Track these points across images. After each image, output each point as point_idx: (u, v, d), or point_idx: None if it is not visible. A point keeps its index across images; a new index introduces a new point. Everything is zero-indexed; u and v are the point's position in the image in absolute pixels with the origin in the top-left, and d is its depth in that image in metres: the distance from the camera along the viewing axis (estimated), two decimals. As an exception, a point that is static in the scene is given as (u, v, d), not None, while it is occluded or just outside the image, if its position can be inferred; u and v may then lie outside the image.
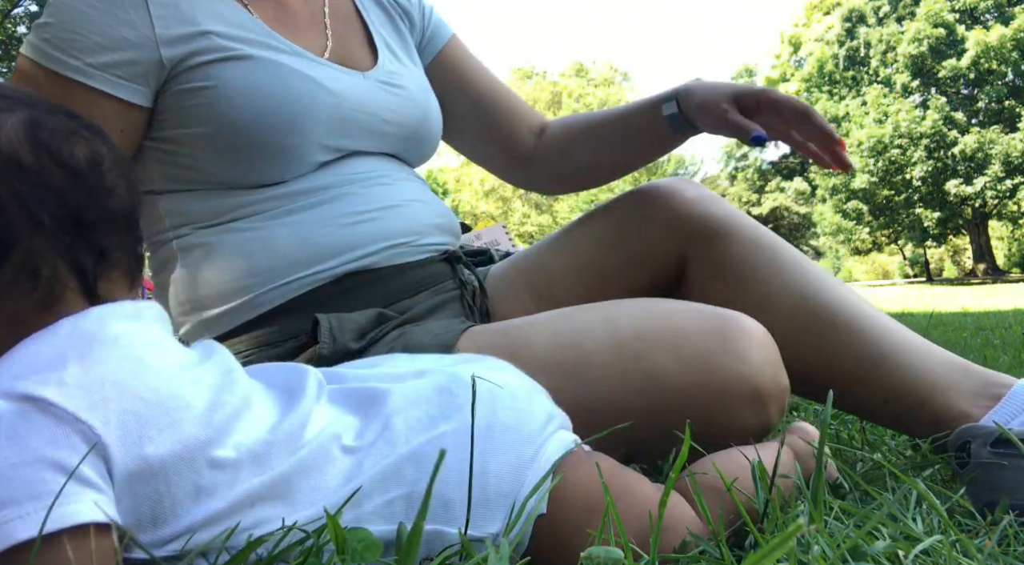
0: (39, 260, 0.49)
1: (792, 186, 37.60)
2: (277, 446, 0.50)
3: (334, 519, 0.46)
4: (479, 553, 0.48)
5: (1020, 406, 0.80)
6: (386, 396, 0.57)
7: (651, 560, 0.49)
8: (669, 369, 0.77)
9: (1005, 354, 2.11)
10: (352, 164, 0.98)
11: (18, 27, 14.25)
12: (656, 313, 0.83)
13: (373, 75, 1.04)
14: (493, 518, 0.55)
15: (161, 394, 0.46)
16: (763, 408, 0.78)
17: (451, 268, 1.02)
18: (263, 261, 0.90)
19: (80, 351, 0.45)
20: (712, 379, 0.77)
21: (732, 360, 0.77)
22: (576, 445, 0.62)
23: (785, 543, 0.33)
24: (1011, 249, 33.64)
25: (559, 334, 0.82)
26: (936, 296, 10.49)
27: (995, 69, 25.18)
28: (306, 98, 0.92)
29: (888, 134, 25.49)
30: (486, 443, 0.56)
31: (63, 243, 0.50)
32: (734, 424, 0.77)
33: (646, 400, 0.77)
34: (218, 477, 0.47)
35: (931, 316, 4.30)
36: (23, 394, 0.42)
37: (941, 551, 0.53)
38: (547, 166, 1.22)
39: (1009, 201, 24.51)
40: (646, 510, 0.57)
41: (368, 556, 0.47)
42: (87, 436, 0.43)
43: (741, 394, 0.76)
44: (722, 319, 0.81)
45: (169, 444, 0.45)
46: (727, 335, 0.79)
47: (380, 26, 1.14)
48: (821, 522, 0.56)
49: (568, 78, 46.30)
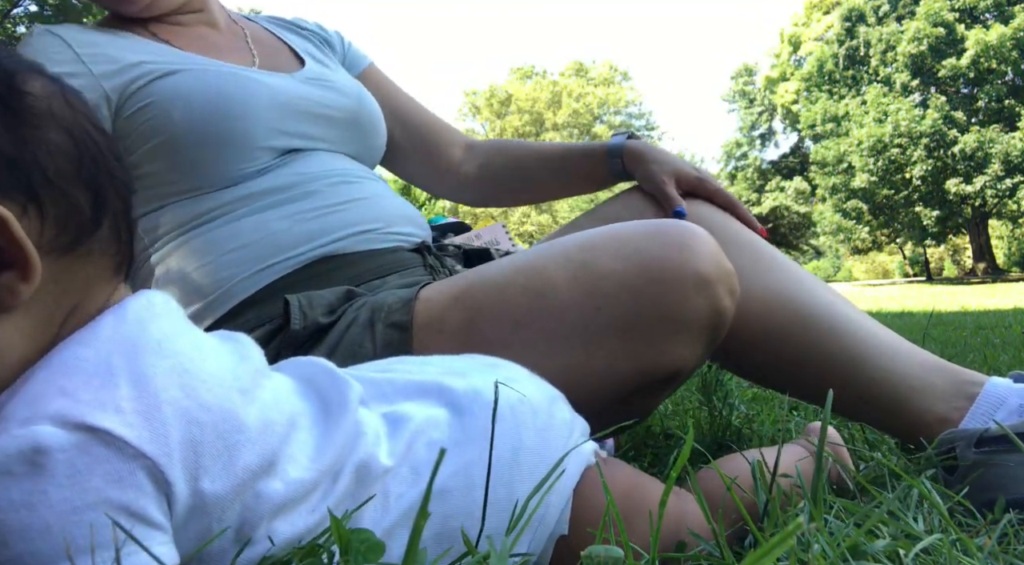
0: (121, 225, 0.47)
1: (792, 185, 37.60)
2: (321, 483, 0.47)
3: (337, 520, 0.46)
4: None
5: (994, 405, 0.83)
6: (407, 416, 0.54)
7: (651, 559, 0.49)
8: (615, 268, 0.80)
9: (1005, 353, 2.11)
10: (312, 162, 1.03)
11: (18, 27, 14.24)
12: (601, 229, 0.87)
13: (302, 74, 1.11)
14: (521, 542, 0.54)
15: (215, 414, 0.42)
16: (710, 291, 0.80)
17: (421, 258, 1.05)
18: (231, 255, 0.94)
19: (127, 361, 0.41)
20: (655, 271, 0.79)
21: (672, 251, 0.80)
22: (595, 456, 0.61)
23: (784, 542, 0.32)
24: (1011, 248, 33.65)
25: (514, 261, 0.86)
26: (936, 295, 10.50)
27: (995, 68, 25.15)
28: (240, 90, 0.98)
29: (888, 133, 25.48)
30: (512, 470, 0.54)
31: (129, 208, 0.48)
32: (688, 312, 0.79)
33: (595, 299, 0.80)
34: (264, 511, 0.43)
35: (931, 315, 4.30)
36: (80, 423, 0.38)
37: (942, 550, 0.53)
38: (473, 182, 1.32)
39: (1009, 200, 24.49)
40: (667, 519, 0.57)
41: (371, 557, 0.46)
42: (152, 473, 0.39)
43: (685, 279, 0.79)
44: (661, 222, 0.85)
45: (225, 477, 0.42)
46: (665, 232, 0.82)
47: (303, 46, 1.22)
48: (821, 521, 0.56)
49: (568, 78, 46.28)
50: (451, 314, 0.83)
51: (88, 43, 1.00)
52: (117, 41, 1.02)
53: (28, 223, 0.42)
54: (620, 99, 45.51)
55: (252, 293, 0.93)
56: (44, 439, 0.37)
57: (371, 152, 1.17)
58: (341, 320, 0.86)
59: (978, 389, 0.85)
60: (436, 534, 0.50)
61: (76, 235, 0.44)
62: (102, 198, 0.46)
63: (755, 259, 0.98)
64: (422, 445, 0.53)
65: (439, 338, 0.82)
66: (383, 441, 0.52)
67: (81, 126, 0.45)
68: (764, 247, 1.01)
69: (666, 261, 0.79)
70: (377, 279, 0.97)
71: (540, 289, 0.82)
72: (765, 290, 0.95)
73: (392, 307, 0.85)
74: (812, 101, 30.96)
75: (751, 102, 40.76)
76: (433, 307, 0.84)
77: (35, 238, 0.42)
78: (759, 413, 1.33)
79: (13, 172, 0.41)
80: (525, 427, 0.56)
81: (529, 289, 0.82)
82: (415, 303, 0.85)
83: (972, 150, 24.25)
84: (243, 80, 1.00)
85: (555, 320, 0.80)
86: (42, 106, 0.44)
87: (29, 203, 0.42)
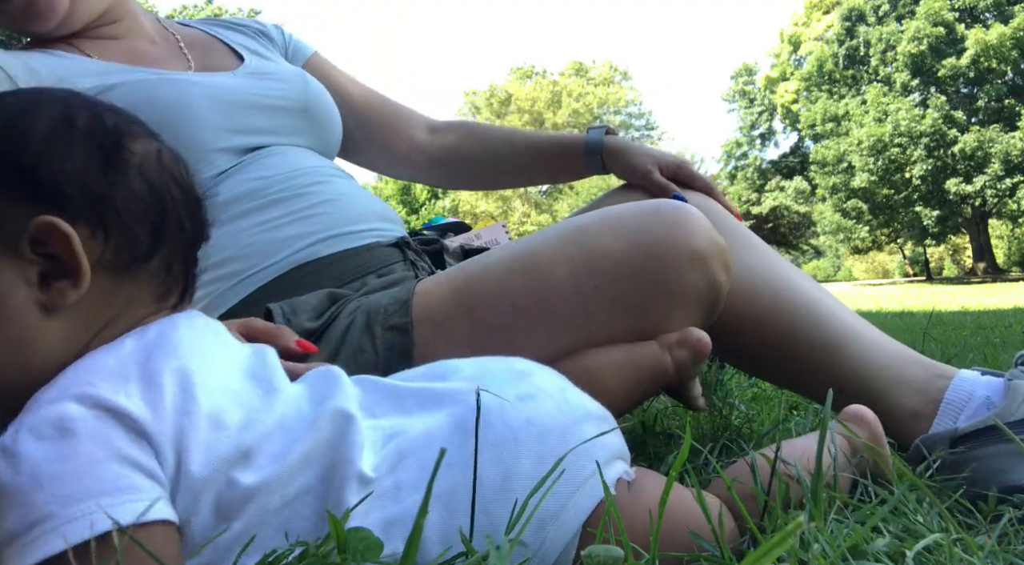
0: (174, 261, 0.58)
1: (792, 185, 37.59)
2: (295, 474, 0.51)
3: (335, 519, 0.46)
4: None
5: (962, 401, 0.84)
6: (405, 430, 0.55)
7: (651, 559, 0.49)
8: (610, 246, 0.81)
9: (1005, 353, 2.11)
10: (273, 162, 1.01)
11: None
12: (595, 212, 0.88)
13: (242, 70, 1.10)
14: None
15: (204, 410, 0.50)
16: (705, 265, 0.81)
17: (400, 253, 1.04)
18: (208, 271, 0.92)
19: (139, 367, 0.50)
20: (650, 246, 0.80)
21: (665, 228, 0.81)
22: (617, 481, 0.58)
23: (784, 542, 0.32)
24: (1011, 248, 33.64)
25: (509, 249, 0.87)
26: (936, 295, 10.49)
27: (995, 68, 25.14)
28: (178, 95, 0.97)
29: (888, 133, 25.46)
30: (499, 497, 0.52)
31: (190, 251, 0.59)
32: (685, 286, 0.80)
33: (594, 278, 0.81)
34: (236, 497, 0.49)
35: (931, 315, 4.30)
36: (98, 401, 0.47)
37: (942, 549, 0.53)
38: (439, 166, 1.31)
39: (1009, 200, 24.46)
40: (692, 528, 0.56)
41: (369, 556, 0.47)
42: (151, 444, 0.47)
43: (679, 255, 0.80)
44: (656, 202, 0.86)
45: (204, 462, 0.48)
46: (659, 211, 0.83)
47: (241, 42, 1.20)
48: (821, 520, 0.56)
49: (568, 77, 46.27)
50: (450, 307, 0.83)
51: (27, 70, 0.96)
52: (50, 61, 0.99)
53: (92, 243, 0.53)
54: (620, 99, 45.48)
55: (232, 305, 0.92)
56: (69, 411, 0.46)
57: (328, 144, 1.16)
58: (334, 324, 0.85)
59: (947, 383, 0.87)
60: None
61: (128, 261, 0.55)
62: (160, 238, 0.56)
63: (742, 245, 0.99)
64: (414, 462, 0.53)
65: (440, 332, 0.82)
66: (367, 453, 0.53)
67: (163, 181, 0.57)
68: (748, 233, 1.03)
69: (662, 238, 0.80)
70: (357, 280, 0.96)
71: (538, 273, 0.82)
72: (751, 272, 0.97)
73: (389, 309, 0.85)
74: (812, 101, 30.96)
75: (751, 102, 40.74)
76: (431, 302, 0.84)
77: (95, 256, 0.53)
78: (759, 413, 1.32)
79: (94, 204, 0.53)
80: (524, 453, 0.54)
81: (527, 273, 0.82)
82: (413, 299, 0.84)
83: (972, 150, 24.24)
84: (180, 84, 0.98)
85: (555, 302, 0.80)
86: (135, 161, 0.56)
87: (98, 228, 0.53)
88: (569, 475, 0.54)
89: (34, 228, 0.51)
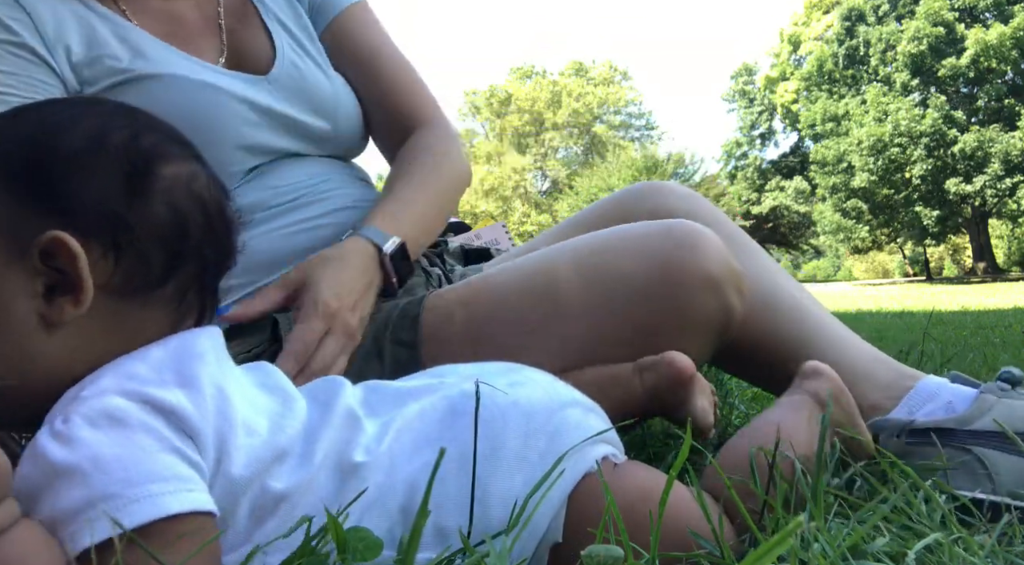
0: (190, 287, 0.56)
1: (792, 185, 37.58)
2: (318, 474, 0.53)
3: (334, 519, 0.46)
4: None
5: (924, 399, 0.87)
6: (401, 415, 0.59)
7: (651, 559, 0.49)
8: (625, 269, 0.81)
9: (1005, 353, 2.11)
10: (284, 172, 0.99)
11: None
12: (610, 231, 0.87)
13: (274, 76, 1.03)
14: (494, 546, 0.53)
15: (237, 417, 0.52)
16: (719, 290, 0.81)
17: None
18: None
19: (175, 374, 0.51)
20: (665, 270, 0.80)
21: (683, 252, 0.81)
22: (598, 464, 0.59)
23: (784, 541, 0.32)
24: (1011, 248, 33.62)
25: (522, 266, 0.86)
26: (936, 295, 10.49)
27: (995, 68, 25.14)
28: (212, 110, 0.93)
29: (888, 133, 25.46)
30: (488, 467, 0.55)
31: (209, 278, 0.58)
32: (697, 311, 0.80)
33: (609, 302, 0.80)
34: (270, 500, 0.51)
35: (931, 314, 4.29)
36: (144, 397, 0.48)
37: (943, 548, 0.53)
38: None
39: (1009, 200, 24.46)
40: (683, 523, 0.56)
41: (369, 555, 0.47)
42: (198, 442, 0.49)
43: (694, 279, 0.80)
44: (671, 223, 0.85)
45: (243, 465, 0.50)
46: (675, 233, 0.83)
47: (278, 11, 1.11)
48: (821, 520, 0.56)
49: (568, 77, 46.27)
50: (460, 327, 0.82)
51: (56, 22, 0.91)
52: (84, 23, 0.94)
53: (102, 265, 0.52)
54: (620, 99, 45.49)
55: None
56: (118, 404, 0.47)
57: (349, 152, 1.13)
58: None
59: (913, 383, 0.89)
60: (403, 526, 0.52)
61: (139, 287, 0.54)
62: (176, 264, 0.55)
63: (737, 247, 1.00)
64: (407, 436, 0.57)
65: (448, 348, 0.82)
66: (369, 441, 0.56)
67: (188, 207, 0.56)
68: (751, 242, 1.04)
69: (677, 262, 0.80)
70: None
71: (551, 295, 0.81)
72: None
73: (398, 323, 0.84)
74: (812, 101, 30.95)
75: (751, 102, 40.72)
76: (440, 317, 0.83)
77: (102, 278, 0.52)
78: (759, 412, 1.32)
79: (109, 223, 0.53)
80: (510, 430, 0.58)
81: (539, 295, 0.82)
82: (423, 315, 0.84)
83: (972, 149, 24.24)
84: (214, 94, 0.94)
85: (568, 324, 0.80)
86: (161, 185, 0.55)
87: (109, 251, 0.52)
88: (554, 451, 0.57)
89: (44, 241, 0.51)
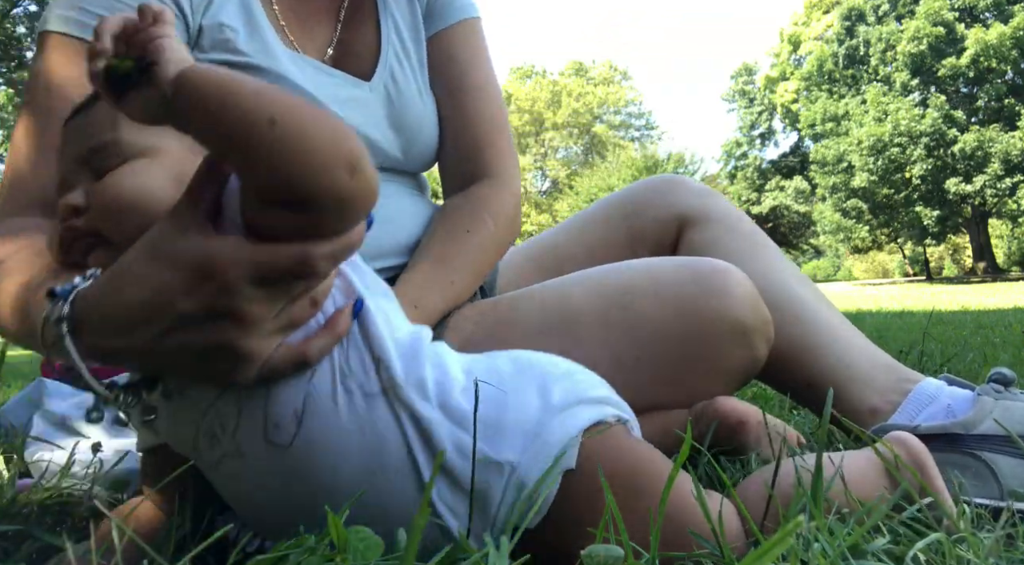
0: None
1: (792, 185, 37.59)
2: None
3: (335, 518, 0.46)
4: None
5: (923, 403, 0.86)
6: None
7: (651, 558, 0.49)
8: (651, 314, 0.79)
9: (1005, 353, 2.11)
10: None
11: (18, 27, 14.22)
12: (637, 267, 0.85)
13: (374, 87, 0.98)
14: (505, 443, 0.54)
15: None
16: (747, 341, 0.80)
17: None
18: None
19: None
20: (693, 318, 0.79)
21: (711, 299, 0.79)
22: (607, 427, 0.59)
23: (784, 541, 0.32)
24: (1011, 247, 33.63)
25: (547, 300, 0.85)
26: (936, 294, 10.49)
27: (995, 67, 25.14)
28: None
29: (888, 132, 25.47)
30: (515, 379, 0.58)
31: None
32: (723, 361, 0.79)
33: (633, 349, 0.79)
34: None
35: (931, 314, 4.29)
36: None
37: (943, 548, 0.53)
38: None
39: (1009, 199, 24.47)
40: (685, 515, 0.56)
41: (369, 555, 0.47)
42: None
43: (723, 329, 0.79)
44: (699, 264, 0.84)
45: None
46: (704, 277, 0.81)
47: (395, 8, 1.05)
48: (821, 520, 0.56)
49: (568, 77, 46.27)
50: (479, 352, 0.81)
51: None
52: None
53: None
54: (620, 99, 45.51)
55: None
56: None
57: (418, 164, 1.05)
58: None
59: (912, 387, 0.89)
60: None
61: None
62: None
63: (749, 246, 1.01)
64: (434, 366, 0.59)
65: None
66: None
67: None
68: (762, 238, 1.05)
69: (707, 313, 0.79)
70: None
71: (575, 336, 0.80)
72: (752, 271, 0.97)
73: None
74: (812, 100, 30.97)
75: (751, 102, 40.74)
76: (461, 340, 0.82)
77: None
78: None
79: None
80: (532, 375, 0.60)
81: (563, 336, 0.80)
82: (445, 335, 0.83)
83: (972, 149, 24.25)
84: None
85: (587, 365, 0.77)
86: None
87: None
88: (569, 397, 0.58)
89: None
